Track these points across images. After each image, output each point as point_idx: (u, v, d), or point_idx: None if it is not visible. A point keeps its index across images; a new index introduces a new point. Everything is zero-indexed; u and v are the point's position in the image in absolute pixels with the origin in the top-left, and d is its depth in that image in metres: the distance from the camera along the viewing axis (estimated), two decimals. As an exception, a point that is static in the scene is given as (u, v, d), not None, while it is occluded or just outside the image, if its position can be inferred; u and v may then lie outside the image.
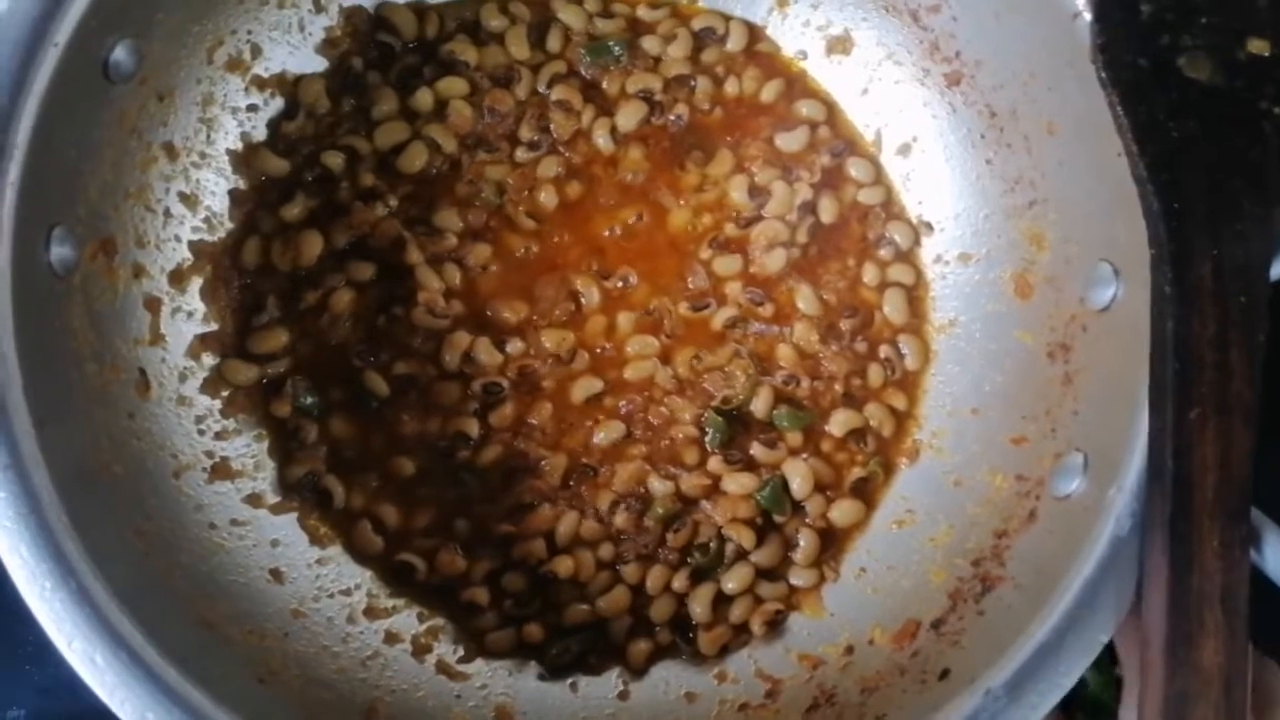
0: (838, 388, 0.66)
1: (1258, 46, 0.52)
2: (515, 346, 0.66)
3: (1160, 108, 0.51)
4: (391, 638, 0.61)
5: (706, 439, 0.65)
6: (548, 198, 0.68)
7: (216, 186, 0.64)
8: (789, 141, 0.69)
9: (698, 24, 0.71)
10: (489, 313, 0.66)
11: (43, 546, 0.46)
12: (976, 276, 0.66)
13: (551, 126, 0.68)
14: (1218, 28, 0.52)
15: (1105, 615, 0.48)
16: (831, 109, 0.70)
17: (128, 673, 0.46)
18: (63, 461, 0.49)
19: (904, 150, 0.69)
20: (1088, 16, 0.53)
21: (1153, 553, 0.47)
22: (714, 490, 0.65)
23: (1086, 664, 0.48)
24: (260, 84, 0.66)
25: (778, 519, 0.64)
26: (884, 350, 0.67)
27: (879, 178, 0.69)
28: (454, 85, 0.68)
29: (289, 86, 0.67)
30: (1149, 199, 0.50)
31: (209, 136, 0.64)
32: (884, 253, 0.68)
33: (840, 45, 0.70)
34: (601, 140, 0.69)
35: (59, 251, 0.53)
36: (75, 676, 0.46)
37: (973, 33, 0.63)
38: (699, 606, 0.63)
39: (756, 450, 0.65)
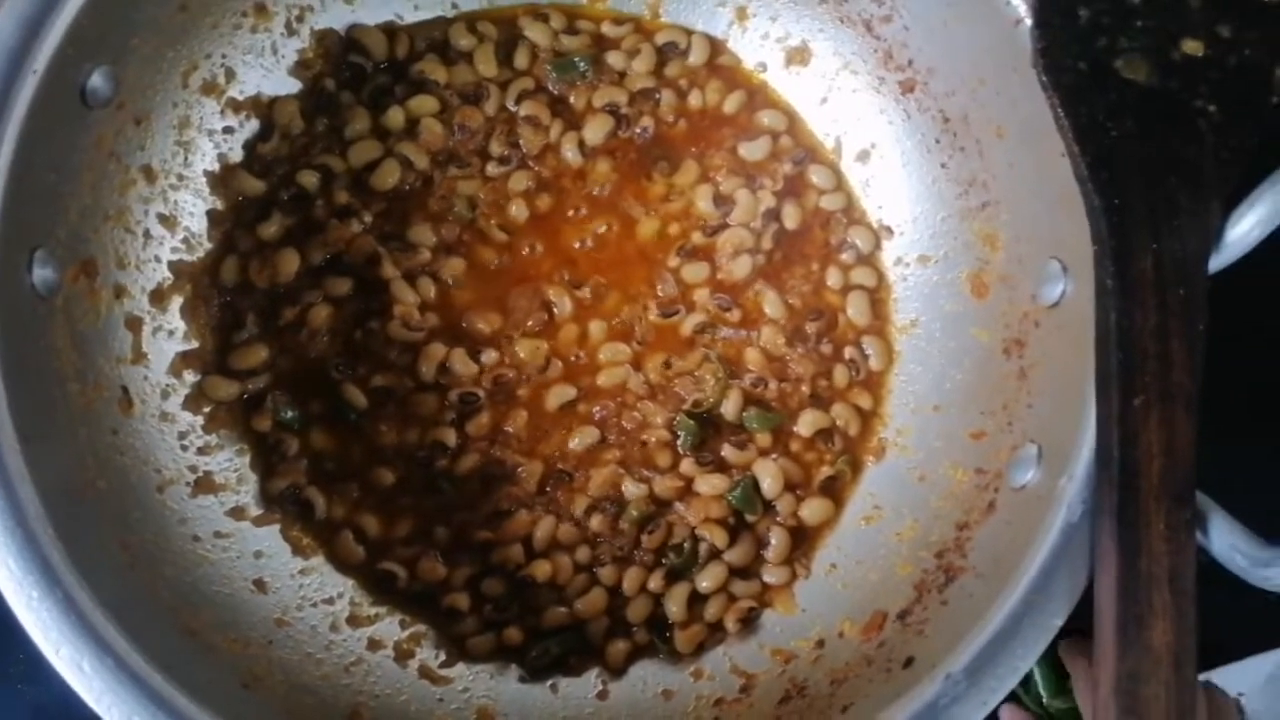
0: (805, 389, 0.68)
1: (1191, 47, 0.54)
2: (490, 357, 0.67)
3: (1099, 109, 0.53)
4: (374, 644, 0.62)
5: (679, 442, 0.67)
6: (519, 211, 0.69)
7: (194, 207, 0.66)
8: (752, 151, 0.71)
9: (661, 39, 0.72)
10: (464, 324, 0.68)
11: (29, 558, 0.48)
12: (935, 277, 0.68)
13: (521, 141, 0.70)
14: (1152, 30, 0.54)
15: (1059, 600, 0.49)
16: (792, 118, 0.72)
17: (114, 678, 0.47)
18: (48, 476, 0.50)
19: (863, 157, 0.71)
20: (1029, 22, 0.55)
21: (1102, 538, 0.48)
22: (687, 492, 0.66)
23: (1042, 648, 0.49)
24: (235, 106, 0.67)
25: (749, 518, 0.66)
26: (849, 351, 0.69)
27: (840, 184, 0.71)
28: (425, 103, 0.70)
29: (264, 108, 0.68)
30: (1090, 197, 0.52)
31: (186, 159, 0.65)
32: (846, 257, 0.70)
33: (799, 56, 0.72)
34: (570, 154, 0.71)
35: (41, 273, 0.54)
36: (67, 693, 0.48)
37: (923, 41, 0.65)
38: (674, 606, 0.64)
39: (727, 452, 0.67)
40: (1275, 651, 0.69)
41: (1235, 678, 0.70)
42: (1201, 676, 0.68)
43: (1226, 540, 0.48)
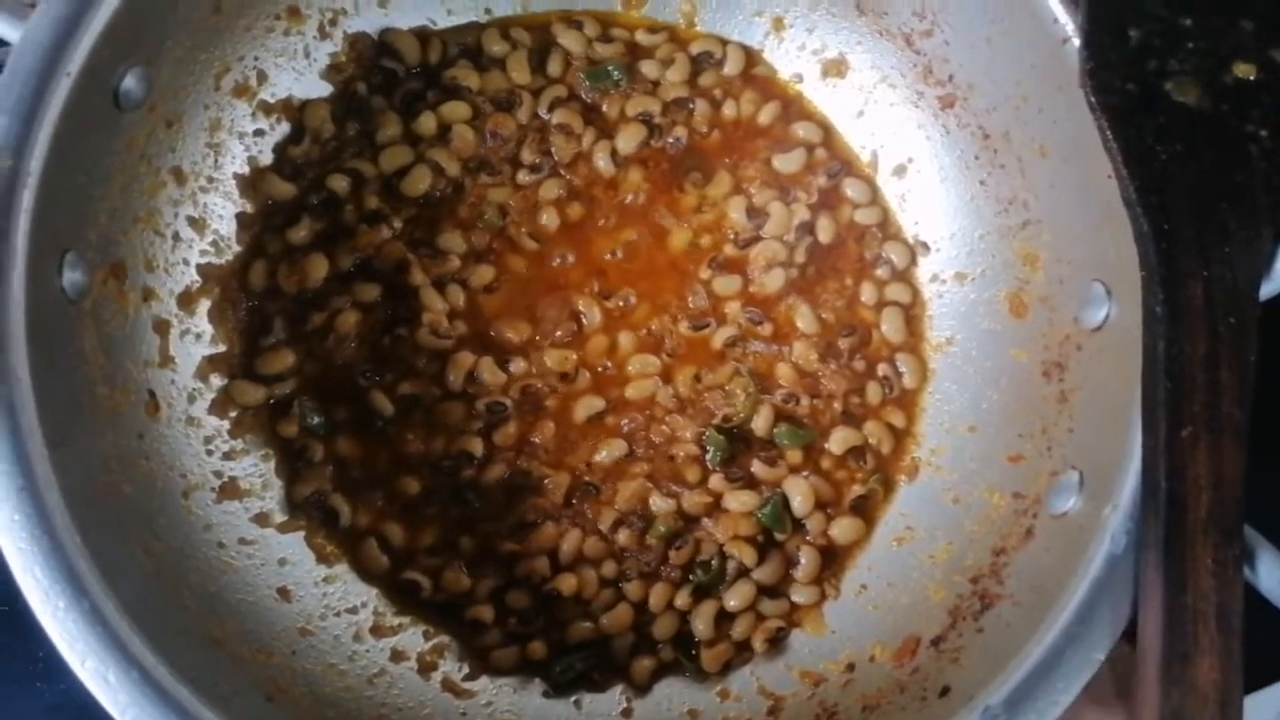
0: (837, 406, 0.67)
1: (1243, 70, 0.54)
2: (518, 366, 0.67)
3: (1148, 131, 0.52)
4: (397, 655, 0.62)
5: (707, 457, 0.66)
6: (549, 219, 0.69)
7: (224, 210, 0.66)
8: (786, 163, 0.70)
9: (695, 48, 0.72)
10: (492, 333, 0.67)
11: (56, 567, 0.47)
12: (972, 295, 0.67)
13: (553, 149, 0.70)
14: (1204, 52, 0.54)
15: (1101, 633, 0.49)
16: (828, 131, 0.71)
17: (139, 691, 0.46)
18: (74, 482, 0.50)
19: (900, 171, 0.70)
20: (1077, 42, 0.54)
21: (1147, 571, 0.48)
22: (715, 508, 0.65)
23: (1084, 681, 0.48)
24: (266, 109, 0.67)
25: (779, 536, 0.65)
26: (882, 368, 0.68)
27: (875, 198, 0.70)
28: (456, 110, 0.69)
29: (295, 112, 0.68)
30: (1139, 221, 0.51)
31: (216, 161, 0.65)
32: (881, 272, 0.69)
33: (835, 68, 0.71)
34: (602, 163, 0.70)
35: (71, 276, 0.54)
36: (85, 694, 0.47)
37: (965, 57, 0.64)
38: (701, 623, 0.63)
39: (757, 468, 0.66)
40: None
41: (1252, 708, 0.69)
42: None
43: (1275, 576, 0.47)
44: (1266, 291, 0.50)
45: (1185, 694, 0.45)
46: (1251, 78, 0.54)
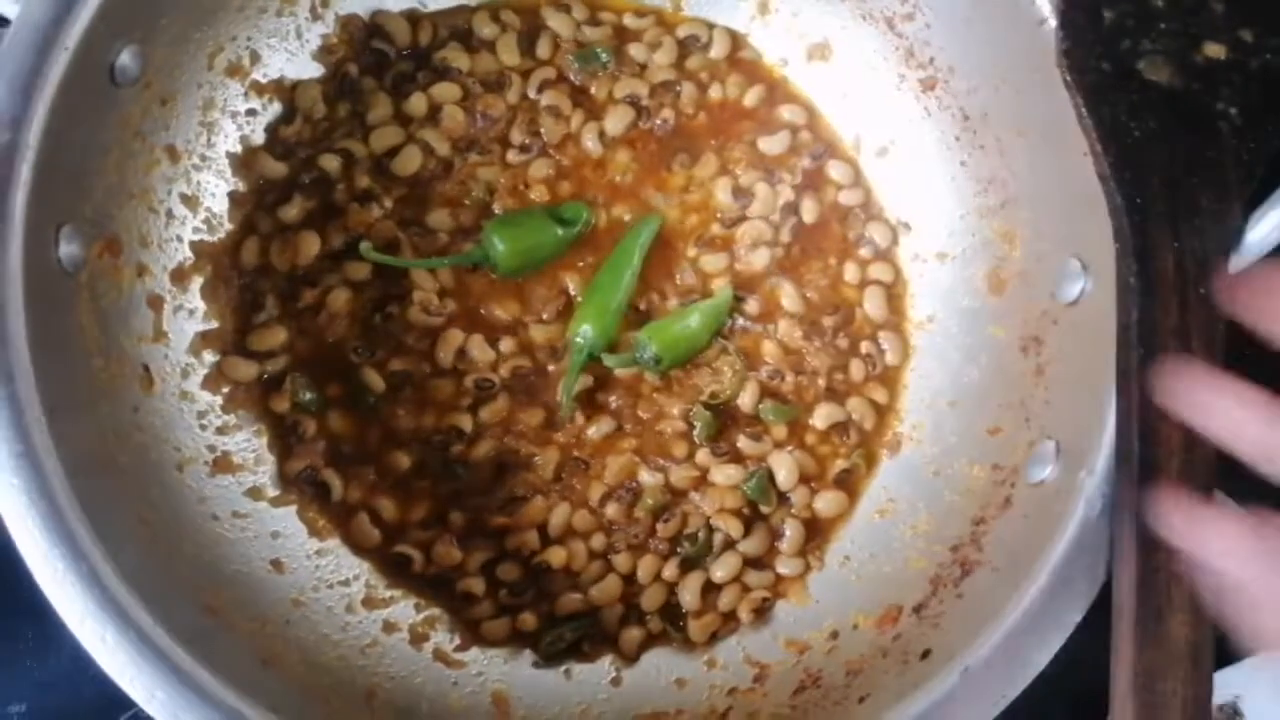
0: (821, 382, 0.68)
1: (1214, 50, 0.55)
2: (508, 344, 0.68)
3: (1122, 109, 0.53)
4: (389, 627, 0.63)
5: (694, 432, 0.67)
6: (539, 198, 0.70)
7: (216, 188, 0.66)
8: (771, 145, 0.71)
9: (682, 31, 0.73)
10: (482, 311, 0.68)
11: (54, 530, 0.48)
12: (952, 274, 0.68)
13: (542, 130, 0.71)
14: (1175, 33, 0.55)
15: (1077, 596, 0.50)
16: (812, 113, 0.73)
17: (137, 652, 0.47)
18: (71, 451, 0.50)
19: (882, 153, 0.71)
20: (1053, 23, 0.55)
21: (1121, 533, 0.49)
22: (702, 482, 0.67)
23: (1060, 642, 0.50)
24: (259, 89, 0.68)
25: (764, 510, 0.66)
26: (865, 346, 0.69)
27: (858, 179, 0.72)
28: (447, 90, 0.70)
29: (287, 92, 0.69)
30: (1113, 195, 0.52)
31: (209, 140, 0.66)
32: (864, 252, 0.71)
33: (820, 52, 0.72)
34: (590, 143, 0.71)
35: (67, 249, 0.54)
36: (75, 671, 0.48)
37: (945, 39, 0.65)
38: (689, 595, 0.65)
39: (743, 443, 0.67)
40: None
41: (1234, 679, 0.70)
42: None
43: (1244, 537, 0.48)
44: (1236, 264, 0.52)
45: (1158, 651, 0.46)
46: (1222, 57, 0.55)
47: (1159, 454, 0.48)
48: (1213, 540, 0.44)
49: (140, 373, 0.60)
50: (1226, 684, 0.71)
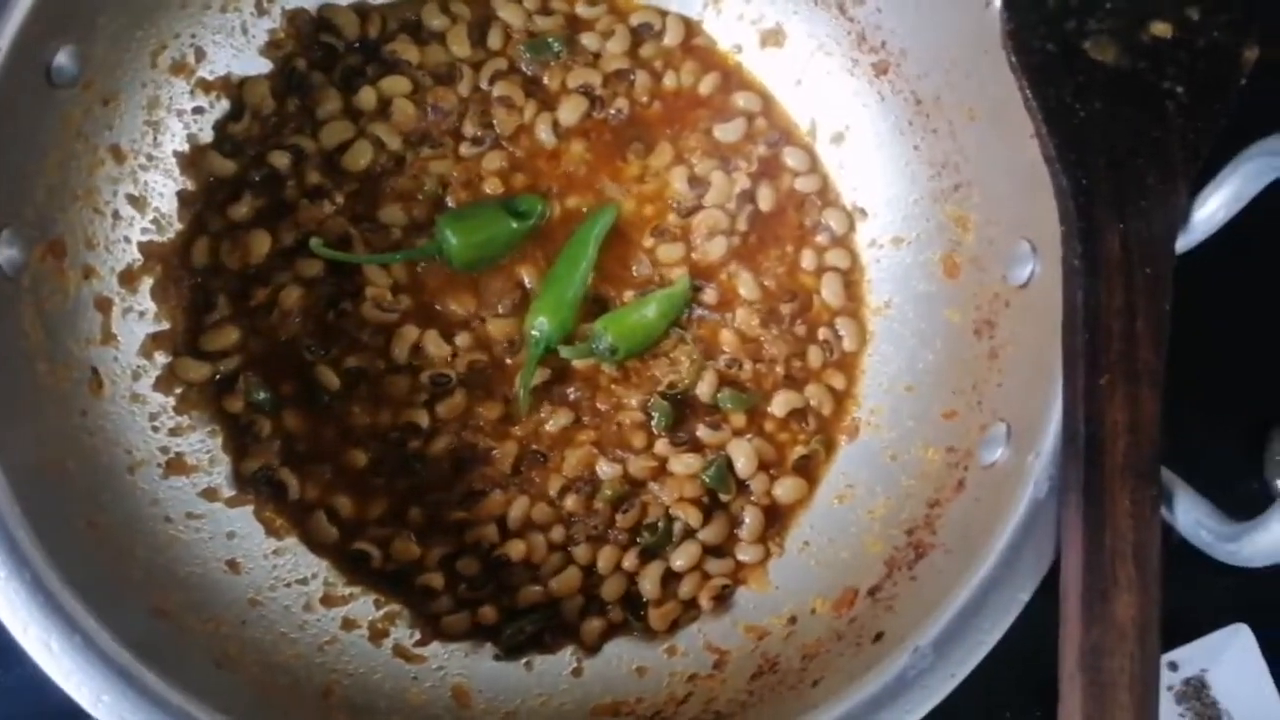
0: (779, 370, 0.68)
1: (1160, 29, 0.55)
2: (464, 339, 0.67)
3: (1067, 90, 0.53)
4: (349, 624, 0.62)
5: (653, 423, 0.67)
6: (492, 190, 0.69)
7: (164, 188, 0.66)
8: (727, 133, 0.71)
9: (635, 20, 0.72)
10: (437, 306, 0.68)
11: (-4, 538, 0.47)
12: (908, 259, 0.68)
13: (494, 122, 0.70)
14: (1121, 11, 0.55)
15: (1026, 576, 0.50)
16: (767, 100, 0.72)
17: (82, 657, 0.47)
18: (15, 457, 0.50)
19: (837, 139, 0.71)
20: (998, 4, 0.55)
21: (1068, 513, 0.49)
22: (661, 472, 0.66)
23: (1009, 622, 0.50)
24: (205, 87, 0.67)
25: (723, 498, 0.66)
26: (822, 332, 0.69)
27: (814, 166, 0.71)
28: (397, 84, 0.70)
29: (234, 89, 0.68)
30: (1058, 177, 0.52)
31: (155, 139, 0.65)
32: (821, 239, 0.70)
33: (773, 38, 0.72)
34: (544, 135, 0.70)
35: (7, 253, 0.54)
36: (38, 679, 0.47)
37: (896, 23, 0.65)
38: (649, 584, 0.65)
39: (702, 432, 0.67)
40: (1237, 626, 0.70)
41: (1199, 654, 0.71)
42: (1167, 655, 0.70)
43: (1192, 516, 0.48)
44: (1182, 244, 0.52)
45: (1105, 629, 0.47)
46: (1168, 36, 0.55)
47: (1104, 435, 0.48)
48: None
49: (89, 376, 0.59)
50: (1192, 659, 0.71)
